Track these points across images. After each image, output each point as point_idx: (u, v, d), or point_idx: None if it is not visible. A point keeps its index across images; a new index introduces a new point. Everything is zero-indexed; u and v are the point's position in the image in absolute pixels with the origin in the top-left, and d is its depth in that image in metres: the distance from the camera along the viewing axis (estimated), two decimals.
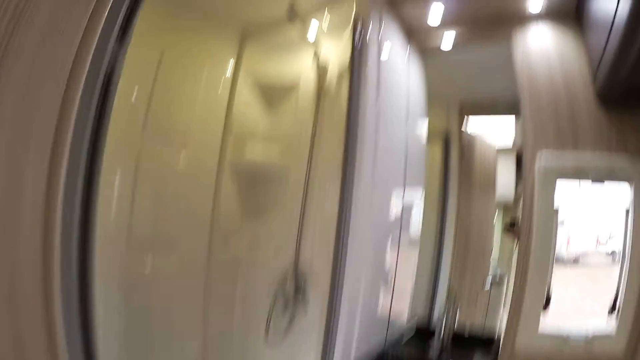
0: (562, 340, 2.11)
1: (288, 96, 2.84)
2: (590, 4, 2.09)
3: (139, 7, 1.54)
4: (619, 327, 2.03)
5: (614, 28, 1.67)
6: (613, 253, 2.17)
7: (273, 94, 2.88)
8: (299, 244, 2.53)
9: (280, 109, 2.87)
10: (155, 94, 2.38)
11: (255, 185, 2.81)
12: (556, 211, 2.18)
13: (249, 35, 2.84)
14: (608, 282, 2.13)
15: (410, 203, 2.66)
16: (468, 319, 2.69)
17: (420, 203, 2.75)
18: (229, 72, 2.79)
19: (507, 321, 2.17)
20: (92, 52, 1.33)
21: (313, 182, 2.53)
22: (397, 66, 2.58)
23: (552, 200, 2.19)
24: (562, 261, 2.26)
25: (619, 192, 2.15)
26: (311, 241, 2.52)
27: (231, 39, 2.82)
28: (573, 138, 2.21)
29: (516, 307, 2.15)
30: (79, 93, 1.30)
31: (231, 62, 2.81)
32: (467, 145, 2.89)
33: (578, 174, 2.19)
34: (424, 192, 2.77)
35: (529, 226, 2.17)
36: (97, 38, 1.36)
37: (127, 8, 1.48)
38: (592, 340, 2.07)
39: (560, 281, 2.23)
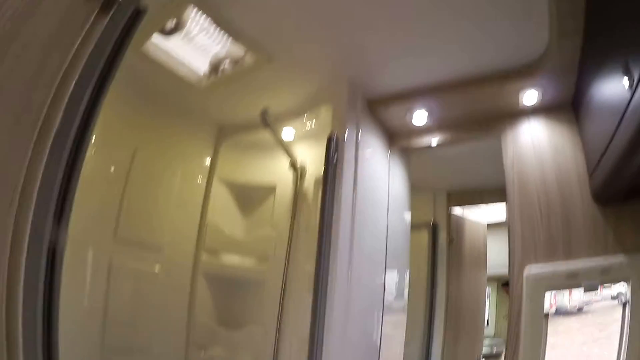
0: None
1: (264, 201, 2.79)
2: (591, 96, 1.96)
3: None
4: None
5: (622, 124, 1.48)
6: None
7: (249, 199, 2.83)
8: (276, 356, 2.46)
9: (256, 214, 2.82)
10: (126, 197, 2.33)
11: (230, 293, 2.75)
12: (546, 317, 2.11)
13: (224, 136, 2.82)
14: (614, 327, 2.06)
15: (393, 296, 2.57)
16: None
17: (405, 293, 2.68)
18: (204, 174, 2.77)
19: None
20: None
21: (289, 291, 2.47)
22: (377, 168, 2.52)
23: (541, 311, 2.12)
24: (565, 313, 2.20)
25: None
26: (288, 353, 2.46)
27: (206, 140, 2.80)
28: (564, 246, 2.13)
29: None
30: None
31: (206, 164, 2.78)
32: (455, 229, 2.79)
33: (569, 284, 2.10)
34: (409, 281, 2.70)
35: (515, 339, 2.11)
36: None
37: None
38: None
39: (565, 333, 2.19)
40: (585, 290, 2.10)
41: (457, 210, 2.83)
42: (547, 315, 2.12)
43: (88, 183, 2.02)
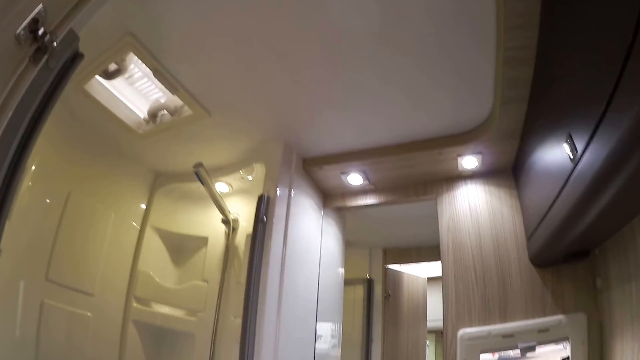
0: None
1: (196, 252, 2.72)
2: (533, 164, 1.92)
3: None
4: None
5: (564, 192, 1.44)
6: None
7: (181, 248, 2.77)
8: None
9: (188, 265, 2.75)
10: (59, 239, 2.23)
11: (161, 344, 2.66)
12: None
13: (159, 184, 2.74)
14: None
15: (327, 345, 2.50)
16: None
17: (338, 348, 2.60)
18: (137, 221, 2.68)
19: None
20: None
21: (219, 344, 2.38)
22: (309, 226, 2.46)
23: None
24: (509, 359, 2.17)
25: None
26: None
27: (141, 186, 2.72)
28: (500, 309, 2.08)
29: None
30: None
31: (140, 210, 2.70)
32: (392, 283, 2.73)
33: (505, 345, 2.03)
34: (341, 336, 2.62)
35: None
36: None
37: None
38: None
39: None
40: (522, 352, 2.03)
41: (394, 266, 2.77)
42: None
43: (21, 221, 2.00)
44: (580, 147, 1.18)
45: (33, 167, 2.07)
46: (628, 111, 0.92)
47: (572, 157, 1.26)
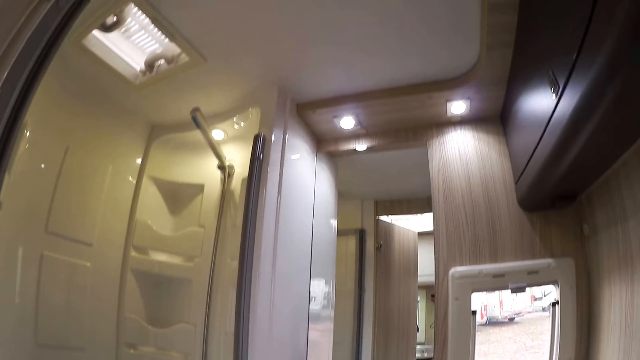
0: None
1: (192, 199, 2.74)
2: (518, 109, 1.97)
3: None
4: None
5: (545, 136, 1.52)
6: (549, 307, 2.08)
7: (177, 197, 2.78)
8: (205, 357, 2.40)
9: (184, 212, 2.77)
10: (58, 192, 2.25)
11: (159, 290, 2.69)
12: (473, 315, 2.08)
13: (155, 135, 2.75)
14: (546, 336, 2.06)
15: (320, 295, 2.53)
16: None
17: (332, 295, 2.61)
18: (134, 172, 2.70)
19: None
20: None
21: (216, 288, 2.42)
22: (303, 171, 2.47)
23: (468, 310, 2.09)
24: (497, 322, 2.22)
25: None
26: (217, 350, 2.41)
27: (138, 139, 2.73)
28: (491, 249, 2.12)
29: None
30: None
31: (137, 162, 2.72)
32: (384, 235, 2.75)
33: (496, 284, 2.07)
34: (335, 285, 2.63)
35: (444, 338, 2.08)
36: None
37: None
38: None
39: (497, 342, 2.22)
40: (512, 292, 2.08)
41: (385, 218, 2.79)
42: (474, 313, 2.09)
43: (20, 176, 2.04)
44: (562, 84, 1.24)
45: (32, 122, 2.08)
46: (597, 52, 0.99)
47: (554, 95, 1.31)
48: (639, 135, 1.39)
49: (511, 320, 2.28)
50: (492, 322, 2.24)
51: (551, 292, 2.09)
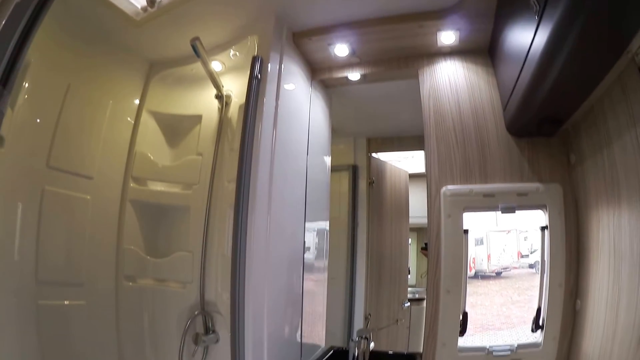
0: (485, 353, 2.09)
1: (190, 130, 2.76)
2: (504, 40, 2.04)
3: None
4: (545, 337, 2.03)
5: (526, 64, 1.64)
6: (536, 263, 2.16)
7: (175, 129, 2.80)
8: (203, 282, 2.43)
9: (182, 143, 2.80)
10: (59, 130, 2.28)
11: (158, 221, 2.72)
12: (465, 233, 2.13)
13: (154, 72, 2.80)
14: (532, 292, 2.13)
15: (314, 231, 2.55)
16: (390, 338, 2.67)
17: (325, 230, 2.66)
18: (133, 107, 2.74)
19: (424, 342, 2.13)
20: None
21: (214, 211, 2.45)
22: (299, 100, 2.49)
23: (460, 228, 2.14)
24: (484, 276, 2.25)
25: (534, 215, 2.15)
26: (214, 274, 2.44)
27: (137, 75, 2.77)
28: (481, 171, 2.18)
29: (431, 327, 2.12)
30: None
31: (136, 97, 2.76)
32: (376, 172, 2.78)
33: (486, 204, 2.12)
34: (328, 219, 2.68)
35: (437, 254, 2.13)
36: None
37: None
38: (518, 350, 2.07)
39: (485, 294, 2.27)
40: (502, 212, 2.12)
41: (378, 155, 2.82)
42: (466, 232, 2.14)
43: (22, 112, 2.08)
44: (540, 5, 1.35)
45: (33, 61, 2.11)
46: None
47: (536, 15, 1.42)
48: (611, 65, 1.50)
49: (498, 274, 2.32)
50: (480, 276, 2.28)
51: (536, 251, 2.16)
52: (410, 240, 2.76)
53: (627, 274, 1.57)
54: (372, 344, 2.32)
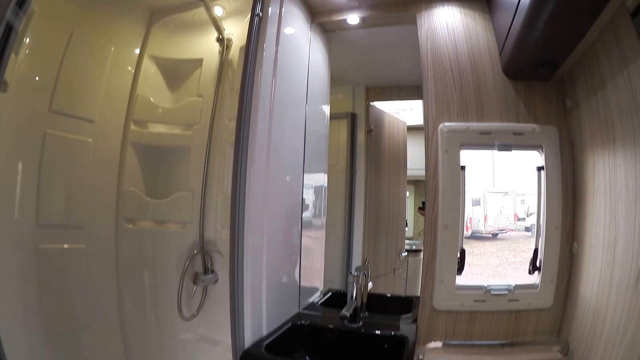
0: (483, 292, 2.11)
1: (191, 74, 2.79)
2: None
3: None
4: (543, 279, 2.06)
5: (520, 6, 1.68)
6: (532, 226, 2.17)
7: (176, 73, 2.83)
8: (203, 221, 2.48)
9: (183, 87, 2.82)
10: (62, 75, 2.31)
11: (158, 162, 2.76)
12: (462, 169, 2.14)
13: (155, 20, 2.82)
14: (528, 254, 2.15)
15: (312, 188, 2.55)
16: (387, 286, 2.70)
17: (323, 186, 2.66)
18: (134, 53, 2.76)
19: (422, 279, 2.15)
20: None
21: (214, 150, 2.49)
22: (298, 44, 2.48)
23: (457, 164, 2.15)
24: (480, 237, 2.28)
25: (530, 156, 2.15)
26: (214, 218, 2.49)
27: (139, 24, 2.79)
28: (478, 110, 2.19)
29: (429, 264, 2.14)
30: None
31: (138, 44, 2.78)
32: (374, 120, 2.79)
33: (483, 141, 2.13)
34: (326, 172, 2.68)
35: (434, 191, 2.14)
36: None
37: None
38: (516, 291, 2.08)
39: (480, 255, 2.28)
40: (499, 149, 2.14)
41: (376, 103, 2.83)
42: (463, 168, 2.15)
43: (26, 58, 2.11)
44: None
45: (37, 9, 2.14)
46: None
47: None
48: (601, 9, 1.55)
49: (494, 235, 2.33)
50: (476, 236, 2.29)
51: (533, 214, 2.17)
52: (407, 193, 2.77)
53: (623, 214, 1.59)
54: (370, 284, 2.32)
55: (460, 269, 2.14)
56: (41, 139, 2.21)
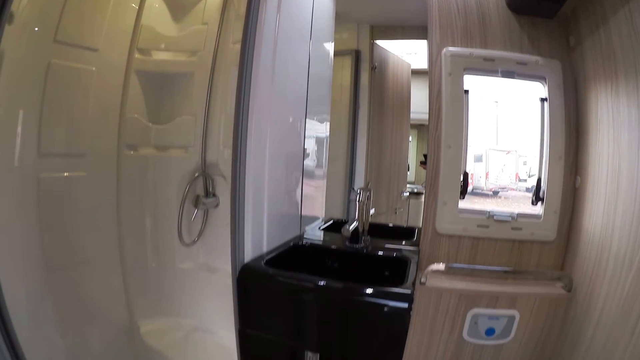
0: (486, 217, 2.09)
1: (196, 4, 2.76)
2: None
3: None
4: (546, 210, 2.04)
5: None
6: (532, 188, 2.15)
7: (182, 3, 2.80)
8: (205, 143, 2.48)
9: (188, 17, 2.79)
10: (67, 5, 2.28)
11: (161, 89, 2.74)
12: (466, 93, 2.12)
13: None
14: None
15: (313, 138, 2.53)
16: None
17: (325, 137, 2.68)
18: None
19: (425, 200, 2.13)
20: None
21: (217, 74, 2.47)
22: None
23: (461, 89, 2.12)
24: (481, 194, 2.24)
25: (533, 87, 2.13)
26: (216, 139, 2.50)
27: None
28: (482, 39, 2.16)
29: (432, 185, 2.12)
30: None
31: None
32: (379, 59, 2.77)
33: (487, 68, 2.11)
34: (329, 114, 2.69)
35: (438, 113, 2.12)
36: None
37: None
38: (519, 219, 2.07)
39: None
40: (502, 76, 2.11)
41: (381, 42, 2.81)
42: (466, 92, 2.13)
43: None
44: None
45: None
46: None
47: None
48: None
49: (495, 193, 2.31)
50: (477, 192, 2.27)
51: (534, 175, 2.16)
52: (410, 137, 2.75)
53: (626, 142, 1.59)
54: (372, 210, 2.30)
55: (463, 193, 2.12)
56: (45, 68, 2.19)
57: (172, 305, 2.77)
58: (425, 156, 2.22)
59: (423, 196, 2.16)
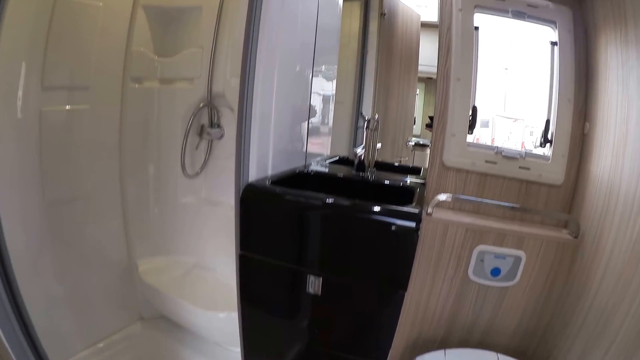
0: (494, 152, 2.08)
1: None
2: None
3: None
4: (554, 153, 2.02)
5: None
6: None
7: None
8: (212, 73, 2.45)
9: None
10: None
11: (169, 23, 2.70)
12: (476, 30, 2.11)
13: None
14: None
15: (320, 95, 2.52)
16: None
17: (332, 94, 2.65)
18: None
19: (433, 133, 2.11)
20: None
21: (225, 15, 2.45)
22: None
23: (471, 25, 2.11)
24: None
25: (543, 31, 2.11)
26: (223, 70, 2.47)
27: None
28: None
29: (440, 117, 2.11)
30: None
31: None
32: (388, 7, 2.76)
33: (497, 7, 2.11)
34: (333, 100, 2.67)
35: (447, 48, 2.11)
36: None
37: None
38: (527, 158, 2.05)
39: None
40: (513, 16, 2.10)
41: None
42: (477, 29, 2.12)
43: None
44: None
45: None
46: None
47: None
48: None
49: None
50: None
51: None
52: (417, 90, 2.73)
53: (635, 89, 1.58)
54: (379, 145, 2.28)
55: (471, 127, 2.10)
56: (51, 4, 2.16)
57: (172, 244, 2.76)
58: (431, 118, 2.20)
59: (428, 149, 2.14)
